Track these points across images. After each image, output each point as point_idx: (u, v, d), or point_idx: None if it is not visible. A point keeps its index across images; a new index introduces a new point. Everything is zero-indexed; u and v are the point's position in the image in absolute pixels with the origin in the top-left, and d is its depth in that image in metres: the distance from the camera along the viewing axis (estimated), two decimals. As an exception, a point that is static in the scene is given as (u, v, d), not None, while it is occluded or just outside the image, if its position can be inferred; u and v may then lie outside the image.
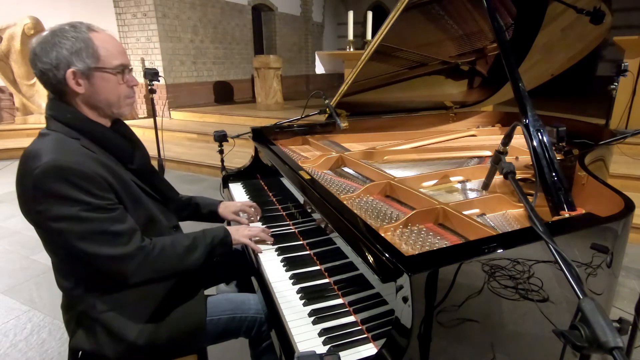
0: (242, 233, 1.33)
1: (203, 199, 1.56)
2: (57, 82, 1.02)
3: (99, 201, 1.00)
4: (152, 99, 4.28)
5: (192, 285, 1.25)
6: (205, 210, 1.54)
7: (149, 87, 4.11)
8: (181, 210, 1.49)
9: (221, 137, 2.19)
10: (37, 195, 0.96)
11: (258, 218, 1.59)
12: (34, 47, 1.01)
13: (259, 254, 1.34)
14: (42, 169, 0.95)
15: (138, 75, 7.41)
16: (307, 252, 1.34)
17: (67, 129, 1.04)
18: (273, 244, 1.39)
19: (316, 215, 1.31)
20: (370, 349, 0.91)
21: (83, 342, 1.11)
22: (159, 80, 4.19)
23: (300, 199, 1.43)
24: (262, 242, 1.39)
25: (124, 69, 1.09)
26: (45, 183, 0.95)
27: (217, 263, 1.54)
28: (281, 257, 1.31)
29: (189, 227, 1.35)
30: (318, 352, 0.72)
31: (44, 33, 1.02)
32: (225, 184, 2.05)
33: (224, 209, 1.54)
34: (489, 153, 1.96)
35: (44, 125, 1.08)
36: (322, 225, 1.26)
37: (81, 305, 1.09)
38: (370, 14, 5.87)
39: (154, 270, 1.10)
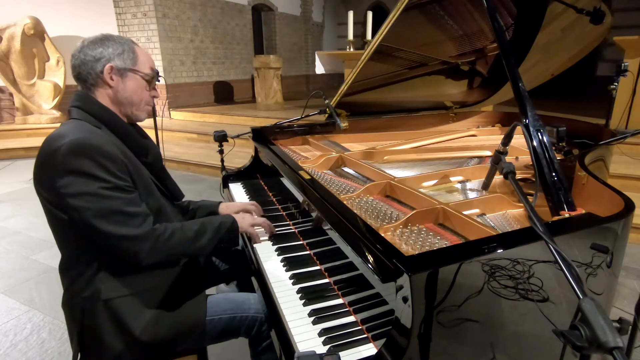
0: (247, 221, 1.37)
1: (202, 202, 1.57)
2: (94, 73, 1.13)
3: (119, 181, 1.06)
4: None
5: (194, 284, 1.26)
6: (205, 212, 1.54)
7: (149, 87, 4.10)
8: (182, 215, 1.49)
9: (221, 137, 2.18)
10: (59, 171, 1.00)
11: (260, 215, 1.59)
12: (83, 41, 1.14)
13: (258, 254, 1.34)
14: (68, 146, 1.00)
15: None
16: (307, 252, 1.34)
17: (90, 118, 1.12)
18: (273, 244, 1.39)
19: (314, 214, 1.31)
20: (370, 349, 0.91)
21: (86, 333, 1.12)
22: (159, 80, 4.18)
23: (300, 199, 1.43)
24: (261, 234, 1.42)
25: (152, 78, 1.23)
26: (69, 159, 1.00)
27: (217, 263, 1.55)
28: (281, 257, 1.31)
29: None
30: (318, 352, 0.72)
31: (97, 35, 1.16)
32: (225, 184, 2.05)
33: (225, 209, 1.55)
34: (489, 153, 1.96)
35: (44, 125, 1.12)
36: (318, 221, 1.26)
37: (87, 292, 1.10)
38: (370, 14, 5.88)
39: (165, 253, 1.13)
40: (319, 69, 6.32)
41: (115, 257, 1.09)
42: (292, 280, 1.19)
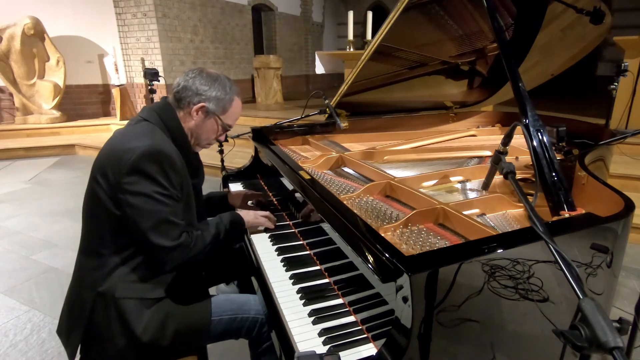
0: (252, 216, 1.46)
1: (212, 193, 1.70)
2: (187, 101, 1.24)
3: (173, 190, 1.14)
4: (152, 99, 4.29)
5: (197, 285, 1.28)
6: (214, 202, 1.68)
7: (149, 87, 4.11)
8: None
9: (221, 137, 2.18)
10: (129, 168, 1.08)
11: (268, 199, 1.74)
12: (202, 71, 1.26)
13: (258, 253, 1.34)
14: (146, 149, 1.10)
15: (138, 76, 7.41)
16: (307, 252, 1.34)
17: (163, 127, 1.22)
18: (273, 244, 1.39)
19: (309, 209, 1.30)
20: (370, 349, 0.91)
21: (93, 329, 1.13)
22: (159, 80, 4.20)
23: (300, 198, 1.43)
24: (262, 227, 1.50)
25: (228, 128, 1.35)
26: (142, 160, 1.09)
27: (217, 263, 1.55)
28: (281, 257, 1.31)
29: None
30: (318, 352, 0.72)
31: (214, 72, 1.29)
32: (225, 184, 2.05)
33: (234, 198, 1.70)
34: (489, 153, 1.96)
35: (44, 125, 1.12)
36: (313, 217, 1.26)
37: (103, 286, 1.13)
38: (370, 14, 5.88)
39: (187, 260, 1.19)
40: (319, 69, 6.32)
41: (139, 259, 1.16)
42: (292, 280, 1.19)
